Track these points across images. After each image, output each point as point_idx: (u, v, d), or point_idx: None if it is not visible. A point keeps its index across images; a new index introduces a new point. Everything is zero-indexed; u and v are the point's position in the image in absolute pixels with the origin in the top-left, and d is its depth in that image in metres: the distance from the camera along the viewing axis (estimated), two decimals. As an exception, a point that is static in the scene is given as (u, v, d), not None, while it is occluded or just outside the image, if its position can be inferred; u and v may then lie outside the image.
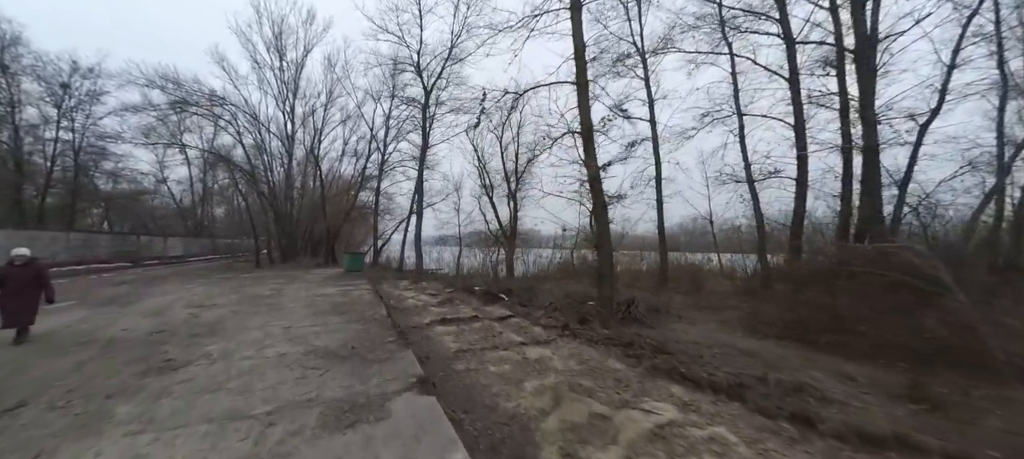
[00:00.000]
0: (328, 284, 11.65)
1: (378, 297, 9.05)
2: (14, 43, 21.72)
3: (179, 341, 4.95)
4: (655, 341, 4.99)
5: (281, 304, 7.72)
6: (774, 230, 12.67)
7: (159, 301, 8.23)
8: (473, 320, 6.63)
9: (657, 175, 14.45)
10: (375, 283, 12.35)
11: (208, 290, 10.07)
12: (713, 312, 8.29)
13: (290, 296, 8.89)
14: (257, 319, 6.21)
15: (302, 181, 27.11)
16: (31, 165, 25.62)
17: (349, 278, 13.90)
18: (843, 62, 11.28)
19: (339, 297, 8.80)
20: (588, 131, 5.47)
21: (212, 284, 11.53)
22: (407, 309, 7.71)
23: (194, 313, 6.72)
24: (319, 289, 10.30)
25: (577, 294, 9.17)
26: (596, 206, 5.47)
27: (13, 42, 22.85)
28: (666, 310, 7.87)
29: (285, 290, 10.02)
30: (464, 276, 15.00)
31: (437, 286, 11.76)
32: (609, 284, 5.69)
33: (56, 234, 19.34)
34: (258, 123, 22.25)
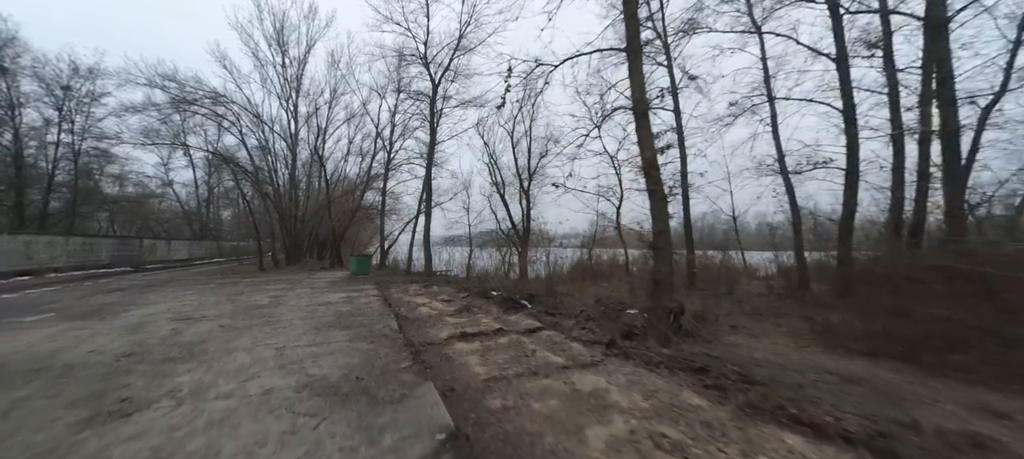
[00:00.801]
0: (333, 290, 10.75)
1: (387, 305, 8.12)
2: (10, 43, 21.04)
3: (148, 369, 4.03)
4: (735, 365, 3.99)
5: (278, 316, 6.81)
6: (817, 225, 11.59)
7: (145, 313, 7.35)
8: (498, 334, 5.67)
9: (682, 169, 13.42)
10: (383, 287, 11.44)
11: (202, 298, 9.21)
12: (766, 320, 7.26)
13: (289, 305, 7.98)
14: (247, 337, 5.29)
15: (307, 182, 26.35)
16: (37, 169, 25.10)
17: (355, 282, 13.01)
18: (891, 38, 10.24)
19: (344, 305, 7.89)
20: (643, 107, 4.48)
21: (209, 291, 10.67)
22: (420, 320, 6.76)
23: (177, 328, 5.82)
24: (322, 296, 9.40)
25: (607, 299, 8.19)
26: (654, 198, 4.48)
27: (9, 41, 22.23)
28: (714, 319, 6.85)
29: (285, 297, 9.13)
30: (477, 278, 14.05)
31: (450, 291, 10.82)
32: (667, 292, 4.69)
33: (53, 239, 18.67)
34: (261, 122, 21.50)
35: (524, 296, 8.65)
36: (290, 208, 22.95)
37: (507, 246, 17.73)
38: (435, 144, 16.42)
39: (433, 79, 15.58)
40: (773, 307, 8.84)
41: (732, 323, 6.76)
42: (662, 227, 4.39)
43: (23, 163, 23.58)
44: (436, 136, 16.44)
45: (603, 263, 16.61)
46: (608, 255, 17.86)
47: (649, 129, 4.38)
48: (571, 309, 7.76)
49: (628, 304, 7.36)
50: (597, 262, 16.25)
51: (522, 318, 6.98)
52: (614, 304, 7.52)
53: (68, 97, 24.67)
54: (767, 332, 6.40)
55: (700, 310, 7.19)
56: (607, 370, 4.15)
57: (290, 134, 22.10)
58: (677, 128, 13.57)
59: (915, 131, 9.68)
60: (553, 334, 5.73)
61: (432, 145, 16.27)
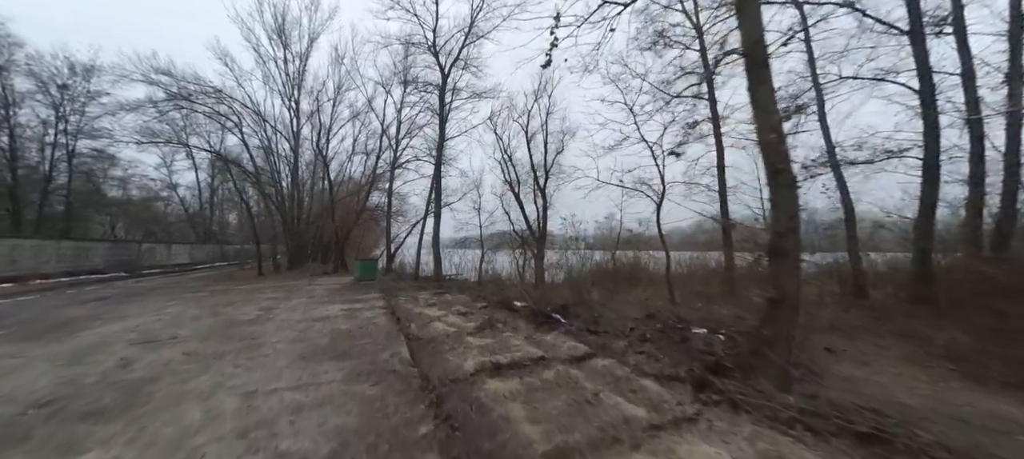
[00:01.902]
0: (333, 298, 9.49)
1: (394, 319, 6.83)
2: (4, 39, 20.05)
3: (49, 434, 2.76)
4: (902, 424, 2.64)
5: (262, 336, 5.52)
6: (889, 223, 10.19)
7: (107, 331, 6.10)
8: (539, 365, 4.35)
9: (719, 162, 12.06)
10: (389, 296, 10.16)
11: (184, 310, 7.97)
12: (859, 340, 5.89)
13: (280, 321, 6.71)
14: (212, 372, 4.01)
15: (311, 183, 25.22)
16: (38, 172, 24.13)
17: (359, 289, 11.75)
18: (961, 8, 8.89)
19: (344, 321, 6.60)
20: (760, 54, 3.16)
21: (195, 301, 9.44)
22: (435, 341, 5.45)
23: (131, 358, 4.54)
24: (320, 307, 8.12)
25: (659, 313, 6.86)
26: (778, 182, 3.15)
27: (2, 38, 21.27)
28: (801, 340, 5.49)
29: (277, 309, 7.87)
30: (492, 285, 12.74)
31: (464, 299, 9.52)
32: (790, 315, 3.35)
33: (42, 243, 17.57)
34: (263, 120, 20.36)
35: (554, 308, 7.32)
36: (293, 210, 21.81)
37: (521, 248, 16.42)
38: (445, 140, 15.17)
39: (442, 69, 14.33)
40: (846, 320, 7.46)
41: (826, 345, 5.39)
42: (790, 224, 3.07)
43: (18, 165, 22.61)
44: (445, 131, 15.20)
45: (627, 267, 15.23)
46: (626, 257, 16.50)
47: (770, 84, 3.10)
48: (615, 325, 6.43)
49: (688, 320, 6.01)
50: (621, 266, 14.89)
51: (560, 338, 5.66)
52: (669, 319, 6.18)
53: (65, 96, 23.69)
54: (875, 357, 5.03)
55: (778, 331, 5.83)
56: (718, 432, 2.82)
57: (293, 132, 20.96)
58: (713, 118, 12.23)
59: (1002, 111, 8.31)
60: (609, 363, 4.41)
61: (441, 140, 15.01)
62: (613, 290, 11.88)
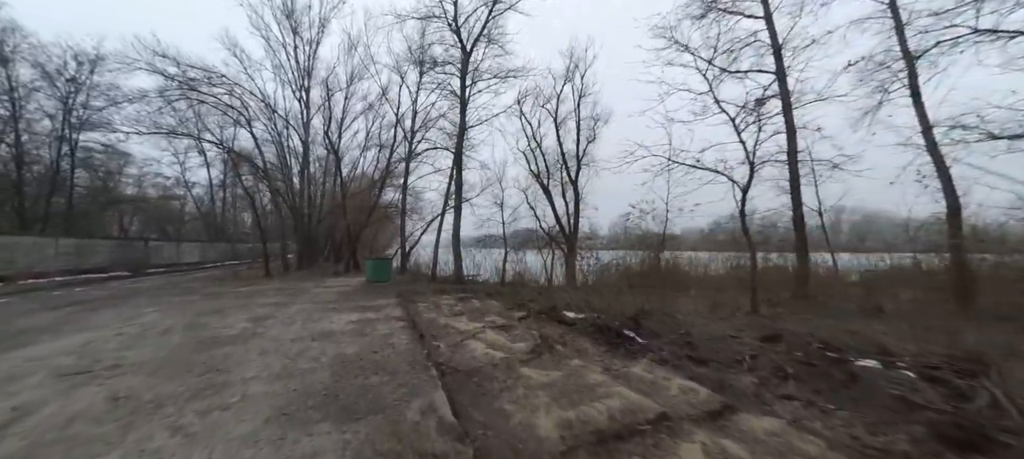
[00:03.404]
0: (342, 305, 7.91)
1: (416, 336, 5.18)
2: (10, 31, 19.05)
3: None
4: None
5: (238, 365, 3.91)
6: None
7: (41, 352, 4.57)
8: (662, 429, 2.65)
9: (790, 147, 10.18)
10: (407, 301, 8.54)
11: (159, 319, 6.44)
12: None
13: (270, 337, 5.10)
14: (139, 434, 2.40)
15: (323, 178, 23.85)
16: (41, 166, 23.24)
17: (372, 292, 10.18)
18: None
19: (351, 340, 4.96)
20: None
21: (178, 307, 7.93)
22: (481, 375, 3.78)
23: (27, 407, 2.97)
24: (324, 317, 6.53)
25: (780, 331, 5.09)
26: None
27: (9, 30, 20.32)
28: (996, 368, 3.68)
29: (272, 319, 6.29)
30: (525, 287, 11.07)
31: (497, 306, 7.85)
32: None
33: (40, 241, 16.43)
34: (273, 112, 19.01)
35: (622, 321, 5.59)
36: (303, 207, 20.43)
37: (549, 247, 14.70)
38: (465, 128, 13.53)
39: (464, 47, 12.69)
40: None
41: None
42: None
43: (23, 160, 21.66)
44: (466, 116, 13.53)
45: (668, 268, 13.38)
46: (642, 256, 14.64)
47: None
48: (719, 348, 4.68)
49: (833, 344, 4.22)
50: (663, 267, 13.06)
51: (655, 369, 3.94)
52: (807, 342, 4.40)
53: (74, 90, 22.69)
54: None
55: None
56: None
57: (303, 123, 19.57)
58: (781, 95, 10.37)
59: None
60: (775, 426, 2.67)
61: (462, 127, 13.38)
62: (660, 295, 10.11)
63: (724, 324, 6.40)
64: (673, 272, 13.05)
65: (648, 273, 12.69)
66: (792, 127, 10.25)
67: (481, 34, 12.55)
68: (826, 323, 5.96)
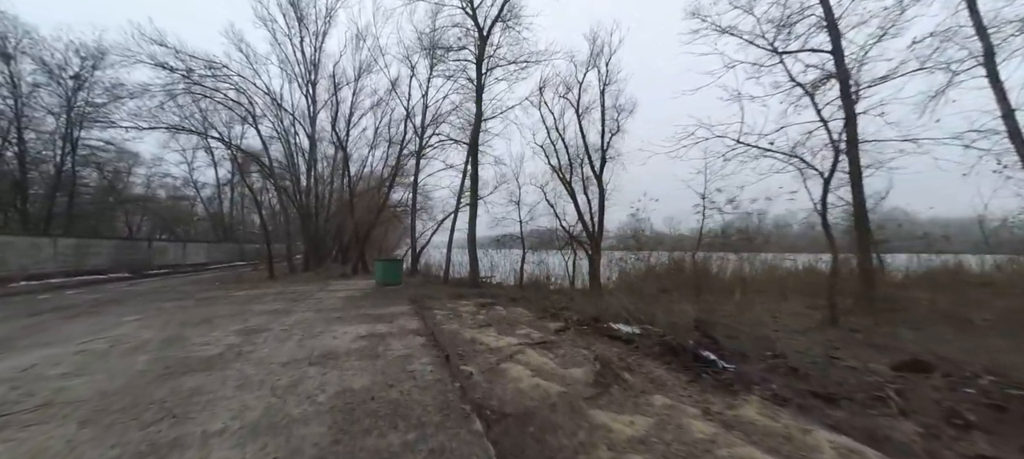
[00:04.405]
0: (348, 312, 6.85)
1: (443, 358, 4.08)
2: (12, 29, 18.31)
3: None
4: None
5: (209, 406, 2.86)
6: None
7: (-31, 378, 3.55)
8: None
9: (849, 134, 8.95)
10: (422, 308, 7.47)
11: (135, 331, 5.42)
12: None
13: (257, 359, 4.04)
14: None
15: (330, 176, 22.93)
16: (59, 167, 22.54)
17: (382, 297, 9.12)
18: None
19: (358, 365, 3.87)
20: None
21: (163, 315, 6.92)
22: (537, 419, 2.68)
23: None
24: (326, 330, 5.46)
25: (863, 345, 3.93)
26: None
27: (11, 28, 19.64)
28: None
29: (265, 333, 5.24)
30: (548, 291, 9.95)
31: (527, 315, 6.74)
32: None
33: (37, 241, 15.60)
34: (279, 107, 18.08)
35: (695, 337, 4.45)
36: (310, 206, 19.50)
37: (570, 247, 13.57)
38: (482, 117, 12.45)
39: (480, 29, 11.60)
40: None
41: None
42: None
43: (26, 158, 20.96)
44: (483, 106, 12.44)
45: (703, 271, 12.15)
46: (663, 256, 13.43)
47: None
48: (839, 376, 3.53)
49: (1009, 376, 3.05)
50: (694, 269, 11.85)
51: (776, 411, 2.82)
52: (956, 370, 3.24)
53: (77, 87, 21.96)
54: None
55: None
56: None
57: (309, 118, 18.63)
58: (838, 74, 9.16)
59: None
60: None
61: (478, 117, 12.29)
62: (702, 301, 8.91)
63: (807, 339, 5.24)
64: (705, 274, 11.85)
65: (679, 275, 11.50)
66: (851, 111, 9.03)
67: (499, 16, 11.46)
68: (929, 338, 4.77)
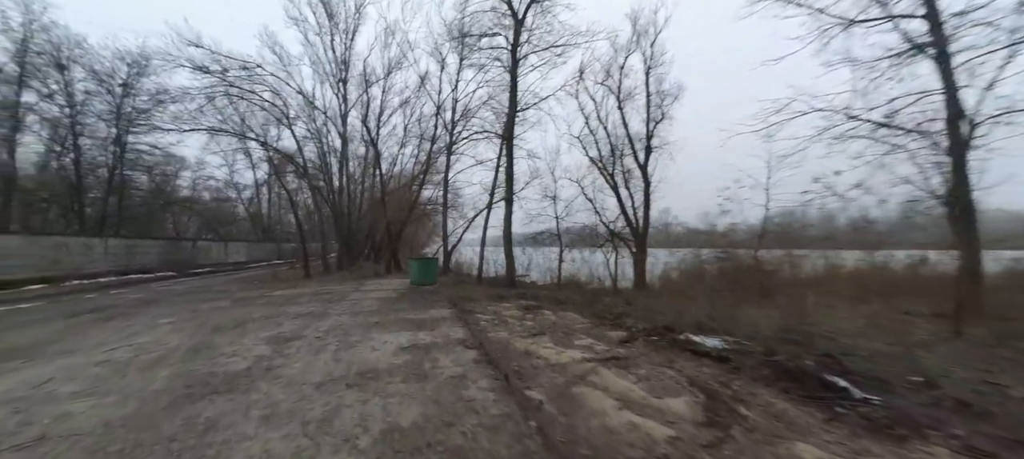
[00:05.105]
0: (385, 316, 6.28)
1: (500, 378, 3.35)
2: (44, 29, 18.99)
3: None
4: None
5: (226, 446, 2.23)
6: None
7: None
8: None
9: (951, 111, 7.64)
10: (463, 311, 6.82)
11: (164, 337, 5.00)
12: None
13: (289, 376, 3.45)
14: None
15: (362, 175, 22.84)
16: (110, 172, 23.58)
17: (419, 298, 8.56)
18: None
19: (405, 390, 3.21)
20: None
21: (198, 317, 6.57)
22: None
23: None
24: (364, 339, 4.87)
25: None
26: None
27: (67, 39, 20.44)
28: None
29: (298, 341, 4.69)
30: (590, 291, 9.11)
31: (581, 321, 5.95)
32: None
33: (90, 241, 16.12)
34: (313, 107, 18.01)
35: (815, 357, 3.54)
36: (343, 205, 19.39)
37: (611, 245, 12.64)
38: (516, 107, 11.70)
39: (515, 13, 10.82)
40: None
41: None
42: None
43: (82, 163, 21.91)
44: (518, 96, 11.65)
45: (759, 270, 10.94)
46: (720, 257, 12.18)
47: None
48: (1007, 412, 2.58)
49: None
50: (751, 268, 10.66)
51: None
52: None
53: (125, 94, 22.77)
54: None
55: None
56: None
57: (340, 115, 18.47)
58: (935, 40, 7.84)
59: None
60: None
61: (512, 108, 11.53)
62: (761, 302, 7.82)
63: (936, 355, 4.20)
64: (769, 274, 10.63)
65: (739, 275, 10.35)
66: (951, 83, 7.69)
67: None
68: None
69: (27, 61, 18.32)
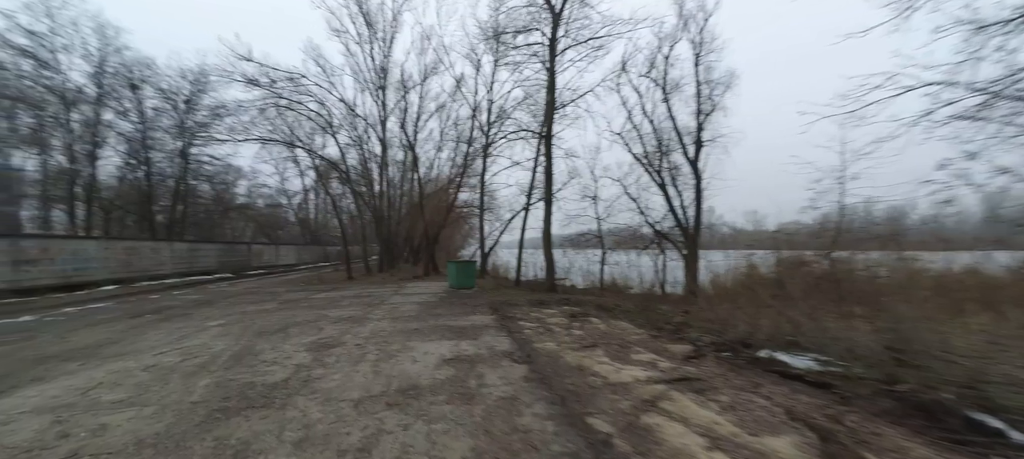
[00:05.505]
0: (425, 322, 6.02)
1: (557, 401, 2.93)
2: (117, 52, 20.64)
3: None
4: None
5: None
6: None
7: (16, 404, 3.11)
8: None
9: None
10: (504, 317, 6.45)
11: (210, 342, 4.99)
12: None
13: (324, 395, 3.20)
14: None
15: (401, 179, 23.22)
16: (177, 181, 25.53)
17: (458, 303, 8.29)
18: None
19: (451, 413, 2.84)
20: None
21: (247, 319, 6.62)
22: None
23: None
24: (405, 349, 4.60)
25: None
26: None
27: (117, 52, 22.15)
28: None
29: (338, 349, 4.50)
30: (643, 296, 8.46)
31: (633, 331, 5.40)
32: None
33: (158, 245, 17.27)
34: (354, 115, 18.46)
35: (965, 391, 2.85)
36: (383, 209, 19.73)
37: (658, 247, 11.83)
38: (554, 104, 11.23)
39: (552, 5, 10.37)
40: None
41: None
42: None
43: (152, 176, 23.75)
44: (556, 93, 11.18)
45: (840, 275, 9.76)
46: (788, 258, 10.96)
47: None
48: None
49: None
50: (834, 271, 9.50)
51: None
52: None
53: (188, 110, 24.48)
54: None
55: None
56: None
57: (380, 120, 18.78)
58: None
59: None
60: None
61: (550, 105, 11.07)
62: (838, 310, 6.80)
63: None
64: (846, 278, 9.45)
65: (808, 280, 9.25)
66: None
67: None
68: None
69: (104, 83, 19.95)
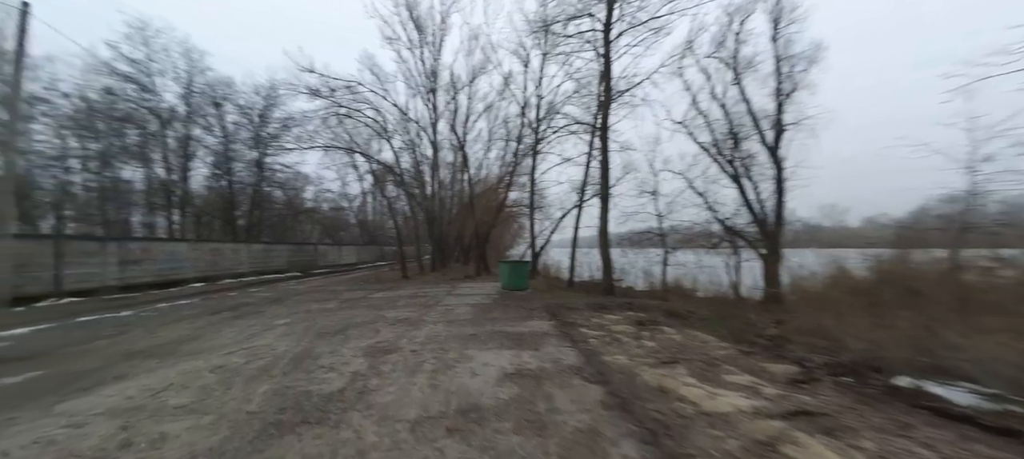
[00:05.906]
0: (481, 327, 5.70)
1: (649, 437, 2.41)
2: (201, 73, 22.73)
3: None
4: None
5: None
6: None
7: (92, 404, 3.16)
8: None
9: None
10: (563, 322, 5.95)
11: (274, 343, 5.01)
12: None
13: (380, 410, 2.92)
14: None
15: (452, 180, 23.50)
16: (254, 188, 28.04)
17: (513, 306, 7.92)
18: None
19: (515, 440, 2.43)
20: None
21: (310, 318, 6.73)
22: None
23: None
24: (463, 358, 4.27)
25: None
26: None
27: (223, 82, 24.42)
28: None
29: (394, 356, 4.28)
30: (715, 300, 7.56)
31: (719, 346, 4.67)
32: None
33: (238, 246, 18.82)
34: (407, 119, 18.92)
35: None
36: (434, 209, 20.03)
37: (731, 246, 10.65)
38: (611, 93, 10.49)
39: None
40: None
41: None
42: None
43: (233, 182, 26.10)
44: (611, 84, 10.44)
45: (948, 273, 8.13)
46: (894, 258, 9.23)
47: None
48: None
49: None
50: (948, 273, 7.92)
51: None
52: None
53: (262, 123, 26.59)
54: None
55: None
56: None
57: (431, 123, 19.04)
58: None
59: None
60: None
61: (607, 93, 10.35)
62: (964, 321, 5.43)
63: None
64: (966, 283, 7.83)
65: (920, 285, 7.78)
66: None
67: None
68: None
69: (192, 102, 22.14)
